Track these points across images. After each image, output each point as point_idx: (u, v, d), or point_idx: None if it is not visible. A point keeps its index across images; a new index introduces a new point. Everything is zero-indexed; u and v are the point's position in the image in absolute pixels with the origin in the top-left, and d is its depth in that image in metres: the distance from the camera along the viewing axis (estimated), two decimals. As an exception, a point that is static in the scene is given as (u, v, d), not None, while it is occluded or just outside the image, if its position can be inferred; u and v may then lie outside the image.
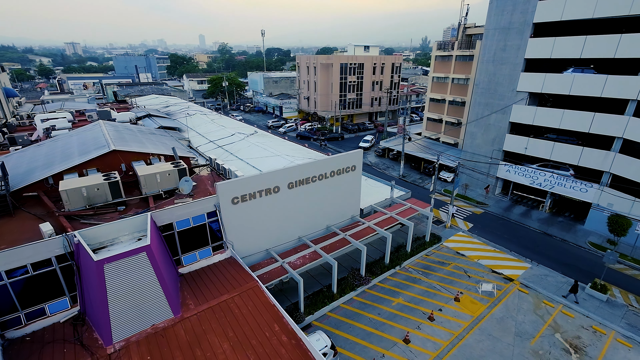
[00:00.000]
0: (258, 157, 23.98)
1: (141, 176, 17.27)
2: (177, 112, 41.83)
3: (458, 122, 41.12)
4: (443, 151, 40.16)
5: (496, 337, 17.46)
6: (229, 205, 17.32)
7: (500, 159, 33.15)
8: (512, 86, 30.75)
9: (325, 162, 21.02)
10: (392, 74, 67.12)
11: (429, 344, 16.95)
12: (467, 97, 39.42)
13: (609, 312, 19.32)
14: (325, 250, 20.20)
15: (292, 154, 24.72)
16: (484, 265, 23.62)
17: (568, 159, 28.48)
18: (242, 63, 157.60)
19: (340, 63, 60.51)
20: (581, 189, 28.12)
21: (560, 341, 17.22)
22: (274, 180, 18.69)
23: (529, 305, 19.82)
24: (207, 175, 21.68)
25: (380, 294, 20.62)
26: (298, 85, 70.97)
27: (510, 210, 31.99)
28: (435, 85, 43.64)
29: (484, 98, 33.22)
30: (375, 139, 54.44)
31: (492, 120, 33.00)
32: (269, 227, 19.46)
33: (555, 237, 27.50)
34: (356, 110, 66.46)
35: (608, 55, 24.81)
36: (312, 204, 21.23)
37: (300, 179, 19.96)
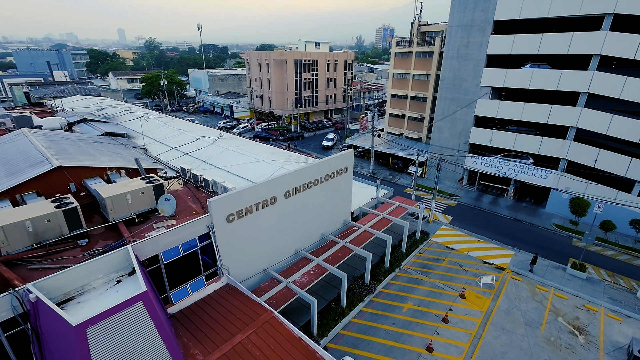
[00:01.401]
0: (239, 164, 21.14)
1: (107, 198, 13.59)
2: (117, 116, 35.91)
3: (421, 118, 42.20)
4: (410, 146, 40.89)
5: (509, 330, 17.58)
6: (224, 225, 14.60)
7: (467, 151, 34.61)
8: (476, 81, 32.14)
9: (321, 166, 19.20)
10: (345, 71, 67.07)
11: (452, 349, 16.34)
12: (428, 93, 40.57)
13: (592, 289, 20.90)
14: (329, 261, 18.46)
15: (277, 159, 22.35)
16: (475, 257, 24.08)
17: (529, 148, 30.67)
18: (176, 60, 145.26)
19: (295, 59, 58.44)
20: (541, 175, 30.51)
21: (565, 324, 17.97)
22: (271, 191, 16.37)
23: (526, 292, 20.52)
24: (183, 189, 18.33)
25: (388, 301, 19.56)
26: (249, 83, 67.08)
27: (480, 200, 33.60)
28: (396, 81, 44.24)
29: (450, 93, 34.29)
30: (337, 137, 53.69)
31: (458, 115, 34.24)
32: (266, 243, 17.09)
33: (525, 222, 29.43)
34: (312, 108, 65.10)
35: (562, 52, 27.02)
36: (308, 213, 19.29)
37: (297, 187, 17.90)
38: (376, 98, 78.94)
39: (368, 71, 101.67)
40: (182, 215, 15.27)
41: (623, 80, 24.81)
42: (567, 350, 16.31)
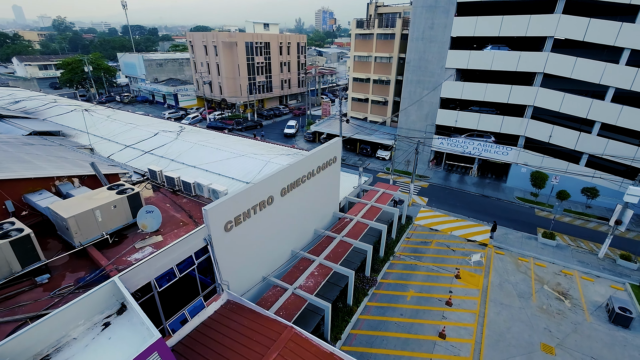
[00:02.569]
0: (218, 161, 18.52)
1: (70, 218, 10.56)
2: (41, 110, 29.67)
3: (385, 101, 42.20)
4: (377, 129, 40.82)
5: (507, 304, 18.35)
6: (222, 235, 12.52)
7: (434, 133, 35.48)
8: (441, 63, 32.64)
9: (313, 157, 17.63)
10: (298, 54, 64.49)
11: (462, 332, 16.50)
12: (391, 76, 40.52)
13: (562, 254, 22.86)
14: (331, 259, 17.27)
15: (259, 152, 20.12)
16: (458, 237, 24.84)
17: (491, 127, 32.33)
18: (97, 43, 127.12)
19: (246, 42, 54.30)
20: (503, 152, 32.52)
21: (550, 291, 19.32)
22: (268, 190, 14.50)
23: (511, 265, 21.68)
24: (156, 196, 15.43)
25: (390, 292, 19.16)
26: (194, 69, 61.05)
27: (448, 179, 34.92)
28: (358, 64, 43.43)
29: (416, 75, 34.47)
30: (298, 124, 51.70)
31: (425, 97, 34.69)
32: (264, 248, 15.30)
33: (492, 198, 31.28)
34: (267, 94, 61.79)
35: (520, 34, 28.39)
36: (302, 210, 17.76)
37: (292, 182, 16.21)
38: (330, 82, 77.86)
39: (317, 55, 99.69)
40: (168, 229, 12.71)
41: (573, 60, 26.91)
42: (559, 316, 17.50)
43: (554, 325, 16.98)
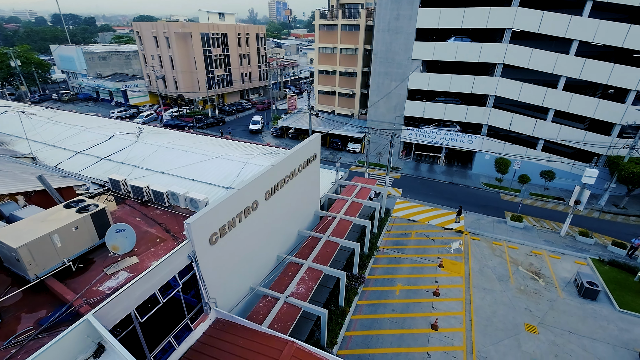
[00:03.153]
0: (189, 165, 16.81)
1: (21, 248, 8.71)
2: (-40, 113, 25.14)
3: (352, 94, 41.92)
4: (347, 122, 40.51)
5: (489, 288, 19.04)
6: (207, 249, 11.28)
7: (403, 124, 35.95)
8: (408, 54, 32.91)
9: (295, 156, 16.67)
10: (258, 46, 61.96)
11: (453, 321, 16.80)
12: (357, 68, 40.25)
13: (530, 235, 24.32)
14: (320, 261, 16.59)
15: (233, 152, 18.63)
16: (435, 225, 25.42)
17: (457, 117, 33.43)
18: (23, 34, 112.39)
19: (201, 33, 50.84)
20: (468, 140, 33.85)
21: (525, 272, 20.41)
22: (252, 195, 13.39)
23: (487, 250, 22.59)
24: (121, 209, 13.58)
25: (378, 288, 19.02)
26: (144, 62, 56.13)
27: (418, 169, 35.71)
28: (323, 56, 42.57)
29: (384, 67, 34.47)
30: (264, 119, 49.82)
31: (393, 89, 34.90)
32: (251, 257, 14.22)
33: (460, 185, 32.51)
34: (227, 88, 58.78)
35: (481, 25, 29.36)
36: (286, 211, 16.83)
37: (276, 184, 15.19)
38: (292, 75, 76.13)
39: (275, 46, 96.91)
40: (143, 247, 11.14)
41: (530, 51, 28.44)
42: (536, 296, 18.52)
43: (533, 304, 17.92)
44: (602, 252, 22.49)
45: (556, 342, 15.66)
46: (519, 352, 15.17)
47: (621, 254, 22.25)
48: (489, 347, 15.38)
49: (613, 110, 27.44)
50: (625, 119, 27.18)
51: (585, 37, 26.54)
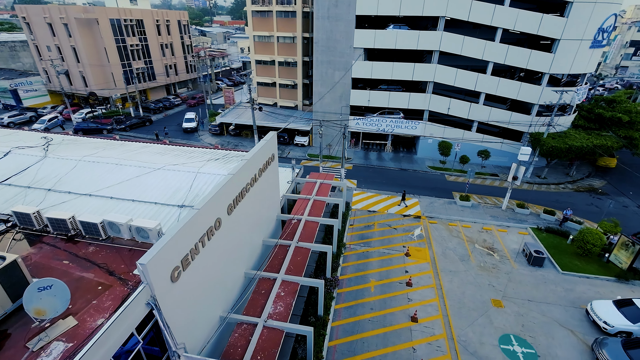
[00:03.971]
0: (125, 182, 13.74)
1: None
2: None
3: (294, 85, 40.21)
4: (290, 114, 38.84)
5: (454, 270, 19.80)
6: (170, 288, 9.18)
7: (349, 113, 35.66)
8: (350, 43, 32.33)
9: (254, 160, 14.80)
10: (181, 34, 55.86)
11: (429, 309, 17.01)
12: (297, 57, 38.57)
13: (478, 213, 26.10)
14: (293, 272, 15.24)
15: (178, 161, 15.87)
16: (394, 214, 25.75)
17: (400, 104, 34.22)
18: None
19: (111, 19, 43.67)
20: (412, 126, 35.01)
21: (481, 249, 21.75)
22: (214, 212, 11.38)
23: (445, 232, 23.57)
24: (41, 251, 10.42)
25: (353, 287, 18.44)
26: (38, 54, 46.47)
27: (368, 158, 35.99)
28: (259, 45, 39.83)
29: (326, 56, 33.44)
30: (198, 116, 45.34)
31: (337, 78, 34.19)
32: (218, 282, 12.31)
33: (409, 170, 33.61)
34: (150, 83, 52.14)
35: (418, 13, 30.00)
36: (250, 222, 15.06)
37: (238, 195, 13.29)
38: (223, 66, 70.85)
39: (200, 35, 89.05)
40: (80, 302, 8.54)
41: (462, 39, 30.02)
42: (495, 270, 19.81)
43: (494, 279, 19.12)
44: (537, 220, 25.13)
45: (520, 312, 16.86)
46: (492, 328, 15.95)
47: (551, 220, 25.13)
48: (467, 329, 15.89)
49: (532, 91, 30.58)
50: (542, 99, 30.54)
51: (508, 25, 28.82)
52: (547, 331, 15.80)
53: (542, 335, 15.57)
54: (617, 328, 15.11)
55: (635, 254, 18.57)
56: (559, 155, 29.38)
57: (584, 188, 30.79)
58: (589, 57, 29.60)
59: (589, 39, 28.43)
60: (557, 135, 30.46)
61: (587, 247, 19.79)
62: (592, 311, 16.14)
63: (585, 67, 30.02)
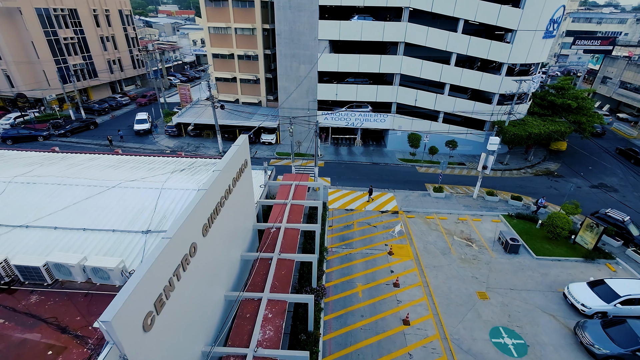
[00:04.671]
0: (72, 206, 11.44)
1: None
2: None
3: (256, 79, 38.00)
4: (254, 112, 36.77)
5: (438, 265, 19.75)
6: (142, 338, 7.57)
7: (317, 108, 34.46)
8: (314, 34, 30.93)
9: (227, 170, 13.17)
10: (124, 25, 50.50)
11: (419, 309, 16.71)
12: (258, 50, 36.36)
13: (452, 203, 26.47)
14: (279, 289, 14.00)
15: (138, 174, 13.69)
16: (372, 210, 25.28)
17: (368, 97, 33.68)
18: None
19: (37, 8, 37.97)
20: (381, 120, 34.73)
21: (460, 240, 21.98)
22: (188, 237, 9.74)
23: (424, 226, 23.54)
24: (-39, 306, 8.14)
25: (340, 295, 17.62)
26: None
27: (339, 153, 35.20)
28: (215, 37, 36.94)
29: (290, 49, 31.75)
30: (152, 116, 41.43)
31: (302, 72, 32.72)
32: (197, 314, 10.75)
33: (380, 164, 33.39)
34: (91, 81, 46.70)
35: (382, 4, 29.34)
36: (226, 239, 13.51)
37: (213, 212, 11.70)
38: (175, 60, 65.69)
39: (145, 26, 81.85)
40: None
41: (426, 30, 29.96)
42: (475, 262, 20.07)
43: (476, 270, 19.34)
44: (506, 207, 26.05)
45: (504, 303, 17.16)
46: (481, 322, 16.02)
47: (519, 206, 26.19)
48: (458, 326, 15.79)
49: (493, 81, 31.53)
50: (502, 88, 31.62)
51: (469, 16, 29.19)
52: (531, 319, 16.20)
53: (528, 324, 15.93)
54: (594, 309, 15.85)
55: (599, 235, 19.75)
56: (520, 142, 30.73)
57: (542, 172, 32.64)
58: (542, 47, 31.04)
59: (542, 30, 29.71)
60: (517, 122, 31.82)
61: (557, 231, 20.72)
62: (570, 294, 16.82)
63: (539, 57, 31.49)
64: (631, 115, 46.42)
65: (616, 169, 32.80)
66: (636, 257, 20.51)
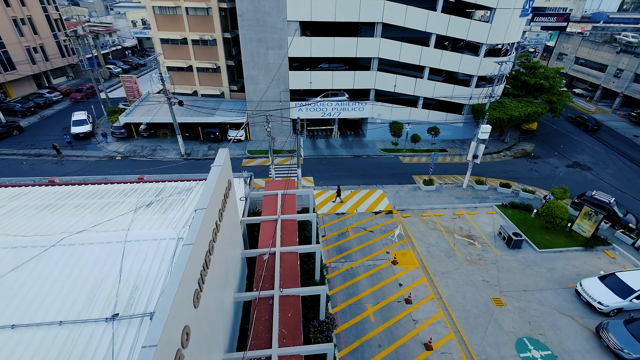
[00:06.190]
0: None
1: None
2: None
3: (216, 68, 33.33)
4: (215, 107, 32.44)
5: (446, 271, 18.38)
6: None
7: (289, 99, 31.10)
8: (282, 15, 27.10)
9: (213, 204, 10.07)
10: (43, 5, 41.86)
11: (439, 328, 15.20)
12: (216, 34, 31.60)
13: (443, 196, 25.27)
14: (288, 339, 11.53)
15: (82, 217, 9.99)
16: (365, 212, 23.26)
17: (345, 84, 30.92)
18: None
19: None
20: (359, 108, 32.33)
21: (461, 239, 20.81)
22: (179, 320, 6.82)
23: (421, 225, 22.05)
24: None
25: (350, 322, 15.55)
26: None
27: (317, 147, 32.45)
28: (162, 19, 31.38)
29: (255, 32, 27.66)
30: (92, 115, 35.16)
31: (271, 58, 28.93)
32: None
33: (363, 156, 31.28)
34: (8, 74, 38.46)
35: (357, -21, 26.20)
36: (220, 291, 10.69)
37: (203, 268, 8.76)
38: (112, 45, 56.90)
39: (70, 4, 69.98)
40: None
41: (405, 9, 27.53)
42: (481, 262, 19.01)
43: (485, 272, 18.28)
44: (496, 195, 25.42)
45: (521, 307, 16.25)
46: (505, 335, 14.93)
47: (508, 193, 25.69)
48: (482, 343, 14.54)
49: (472, 63, 30.30)
50: (481, 70, 30.56)
51: (448, -7, 27.18)
52: (551, 323, 15.43)
53: (550, 330, 15.13)
54: (611, 307, 15.42)
55: (598, 223, 19.55)
56: (501, 125, 30.19)
57: (519, 153, 32.70)
58: (519, 25, 30.17)
59: (519, 8, 28.67)
60: (496, 105, 31.18)
61: (556, 222, 20.25)
62: (584, 292, 16.29)
63: (516, 36, 30.68)
64: (585, 90, 48.68)
65: (584, 145, 33.78)
66: (625, 238, 20.80)
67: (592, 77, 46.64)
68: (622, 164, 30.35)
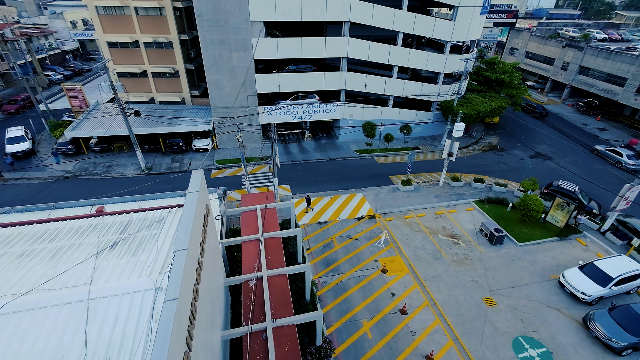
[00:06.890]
0: None
1: None
2: None
3: (175, 72, 30.70)
4: (177, 115, 29.95)
5: (434, 275, 18.14)
6: None
7: (257, 104, 29.47)
8: (245, 15, 25.39)
9: (193, 241, 8.64)
10: (-41, 4, 36.13)
11: (437, 337, 14.83)
12: (171, 35, 29.03)
13: (422, 196, 25.24)
14: (290, 377, 10.45)
15: (29, 275, 8.06)
16: (347, 219, 22.51)
17: (315, 86, 29.91)
18: None
19: None
20: (330, 110, 31.49)
21: (446, 239, 20.77)
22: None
23: (406, 228, 21.73)
24: None
25: (348, 342, 14.71)
26: None
27: (290, 152, 31.15)
28: (107, 20, 28.17)
29: (216, 33, 25.67)
30: (31, 131, 30.95)
31: (236, 61, 27.10)
32: None
33: (337, 159, 30.52)
34: None
35: (322, -23, 25.19)
36: (209, 324, 9.43)
37: (190, 320, 7.42)
38: (49, 48, 50.87)
39: None
40: None
41: (372, 7, 27.02)
42: (467, 261, 19.03)
43: (472, 272, 18.30)
44: (472, 190, 25.88)
45: (512, 305, 16.39)
46: (500, 336, 14.90)
47: (482, 188, 26.26)
48: (481, 348, 14.38)
49: (438, 61, 30.65)
50: (447, 68, 31.03)
51: (414, -8, 27.08)
52: (541, 319, 15.69)
53: (542, 326, 15.36)
54: (593, 296, 15.98)
55: (570, 213, 20.39)
56: (470, 121, 30.86)
57: (487, 147, 33.78)
58: (479, 23, 30.96)
59: (479, 6, 29.35)
60: (463, 102, 31.86)
61: (533, 215, 20.86)
62: (567, 283, 16.77)
63: (477, 33, 31.46)
64: (536, 83, 51.83)
65: (543, 135, 35.71)
66: (591, 224, 21.98)
67: (542, 70, 49.70)
68: (579, 151, 32.41)
